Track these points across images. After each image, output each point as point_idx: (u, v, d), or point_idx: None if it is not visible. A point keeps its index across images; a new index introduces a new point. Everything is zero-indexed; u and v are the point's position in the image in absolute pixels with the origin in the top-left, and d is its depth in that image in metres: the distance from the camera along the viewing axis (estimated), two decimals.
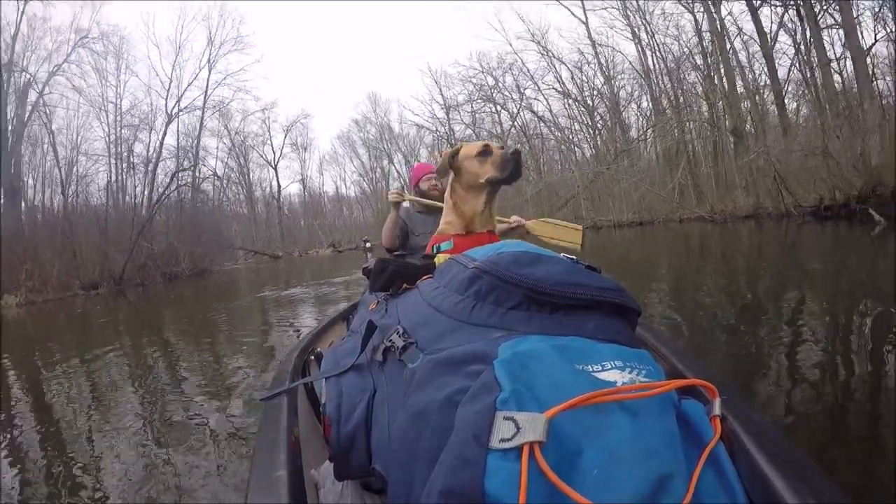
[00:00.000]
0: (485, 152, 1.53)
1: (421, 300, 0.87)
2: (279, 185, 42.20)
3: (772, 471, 0.55)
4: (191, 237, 21.32)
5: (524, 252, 0.79)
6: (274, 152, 41.24)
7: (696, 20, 22.55)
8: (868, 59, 16.00)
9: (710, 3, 21.07)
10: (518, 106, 31.52)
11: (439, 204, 2.44)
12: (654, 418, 0.55)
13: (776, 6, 19.14)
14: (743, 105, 21.09)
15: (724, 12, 21.04)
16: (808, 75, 18.77)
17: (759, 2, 19.21)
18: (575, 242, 2.13)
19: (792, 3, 18.24)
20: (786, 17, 19.26)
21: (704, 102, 22.88)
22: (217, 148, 34.34)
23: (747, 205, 15.81)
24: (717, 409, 0.62)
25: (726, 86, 21.61)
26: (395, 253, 2.68)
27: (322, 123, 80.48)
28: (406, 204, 2.67)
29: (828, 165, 11.96)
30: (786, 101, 20.10)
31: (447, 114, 34.89)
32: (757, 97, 21.18)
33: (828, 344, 2.62)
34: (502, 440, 0.47)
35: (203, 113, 29.26)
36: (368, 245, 3.26)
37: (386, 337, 0.82)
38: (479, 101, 33.06)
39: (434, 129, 36.33)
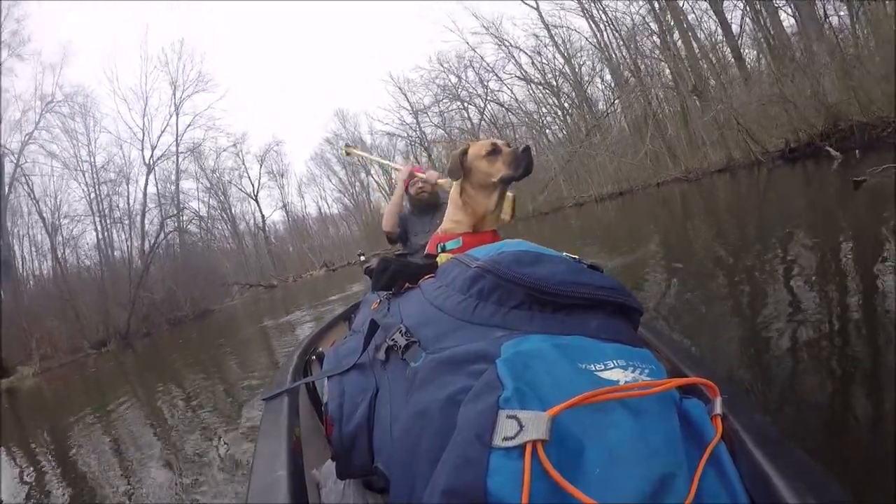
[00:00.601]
0: (494, 151, 1.54)
1: (423, 299, 0.88)
2: (262, 215, 42.17)
3: (773, 470, 0.56)
4: (186, 281, 21.65)
5: (526, 251, 0.80)
6: (252, 184, 41.20)
7: None
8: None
9: None
10: (484, 100, 31.95)
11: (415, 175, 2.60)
12: (655, 417, 0.55)
13: None
14: (702, 63, 21.51)
15: None
16: (760, 23, 19.24)
17: None
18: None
19: None
20: None
21: (666, 66, 23.29)
22: (197, 189, 34.23)
23: (719, 159, 16.39)
24: (718, 409, 0.63)
25: (683, 48, 22.05)
26: (398, 252, 2.70)
27: (294, 148, 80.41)
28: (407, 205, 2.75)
29: (787, 110, 12.52)
30: (744, 51, 20.52)
31: (416, 118, 35.22)
32: (712, 54, 21.63)
33: (822, 330, 2.50)
34: (505, 439, 0.47)
35: (177, 157, 29.25)
36: (363, 258, 3.27)
37: (388, 336, 0.83)
38: (445, 100, 33.42)
39: (405, 134, 36.64)
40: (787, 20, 17.52)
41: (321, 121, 74.02)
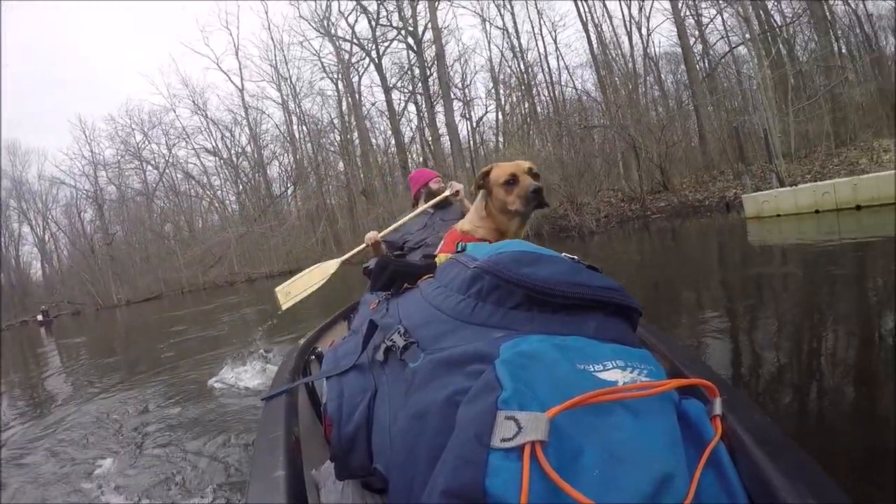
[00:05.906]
0: (511, 181, 1.53)
1: (422, 300, 0.87)
2: None
3: (772, 470, 0.55)
4: None
5: (525, 252, 0.79)
6: None
7: (338, 91, 27.00)
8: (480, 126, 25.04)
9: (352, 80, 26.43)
10: (166, 162, 30.96)
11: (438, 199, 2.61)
12: (655, 418, 0.55)
13: (404, 91, 26.50)
14: (373, 170, 25.44)
15: (363, 91, 25.92)
16: (425, 147, 26.16)
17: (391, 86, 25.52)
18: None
19: (416, 91, 25.62)
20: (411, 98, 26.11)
21: (341, 163, 26.89)
22: None
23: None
24: (717, 409, 0.62)
25: (359, 151, 25.83)
26: (396, 253, 2.73)
27: None
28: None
29: None
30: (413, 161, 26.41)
31: (94, 170, 31.83)
32: (384, 158, 26.33)
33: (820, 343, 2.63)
34: (504, 440, 0.47)
35: None
36: (41, 318, 3.46)
37: (387, 336, 0.82)
38: (126, 157, 31.49)
39: (73, 184, 33.11)
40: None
41: None
